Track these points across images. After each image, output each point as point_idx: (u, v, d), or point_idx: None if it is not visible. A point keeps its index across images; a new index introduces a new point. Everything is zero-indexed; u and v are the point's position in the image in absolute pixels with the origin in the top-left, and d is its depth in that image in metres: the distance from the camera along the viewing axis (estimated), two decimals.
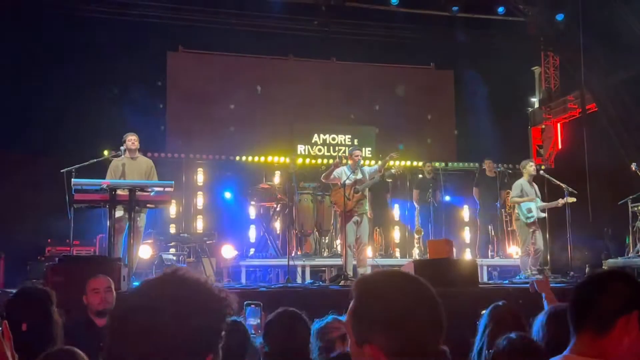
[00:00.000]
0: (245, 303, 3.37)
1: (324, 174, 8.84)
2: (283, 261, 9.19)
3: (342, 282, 7.94)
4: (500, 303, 3.09)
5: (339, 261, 9.21)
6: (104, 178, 7.73)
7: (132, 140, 8.01)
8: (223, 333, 1.39)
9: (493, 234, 11.17)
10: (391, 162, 9.09)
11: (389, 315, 1.48)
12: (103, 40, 11.34)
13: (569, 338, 2.19)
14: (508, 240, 11.66)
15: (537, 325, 2.67)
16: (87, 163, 7.76)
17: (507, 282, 9.14)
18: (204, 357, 1.35)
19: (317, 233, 10.04)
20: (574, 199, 9.34)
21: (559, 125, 16.11)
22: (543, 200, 9.74)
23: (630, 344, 1.83)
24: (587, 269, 9.20)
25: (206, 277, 1.45)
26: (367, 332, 1.50)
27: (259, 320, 2.99)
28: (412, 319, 1.48)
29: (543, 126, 16.38)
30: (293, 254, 9.27)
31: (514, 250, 11.36)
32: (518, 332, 2.55)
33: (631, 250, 10.13)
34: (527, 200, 9.46)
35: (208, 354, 1.36)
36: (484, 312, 3.03)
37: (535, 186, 9.62)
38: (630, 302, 1.86)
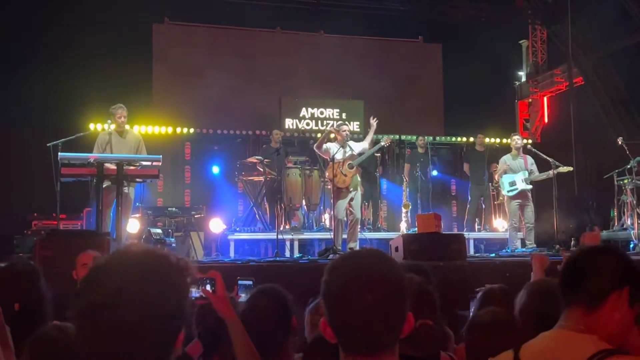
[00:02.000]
0: (237, 279, 3.36)
1: (316, 142, 8.81)
2: (271, 235, 9.21)
3: (331, 256, 7.96)
4: (495, 286, 3.08)
5: (327, 235, 9.24)
6: (90, 152, 7.66)
7: (121, 117, 7.92)
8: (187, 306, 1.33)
9: (484, 207, 11.25)
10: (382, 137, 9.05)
11: (332, 299, 1.48)
12: (88, 12, 11.17)
13: (551, 311, 2.20)
14: (495, 213, 11.76)
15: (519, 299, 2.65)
16: (73, 137, 7.67)
17: (493, 255, 9.22)
18: (176, 337, 1.30)
19: (305, 207, 10.05)
20: (571, 168, 9.35)
21: (545, 98, 16.18)
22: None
23: (620, 319, 1.84)
24: (572, 242, 9.28)
25: (158, 246, 1.37)
26: (325, 309, 1.51)
27: None
28: (348, 307, 1.44)
29: (530, 100, 16.44)
30: (281, 228, 9.29)
31: (500, 224, 11.45)
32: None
33: (616, 224, 10.25)
34: (503, 174, 9.50)
35: (180, 331, 1.31)
36: (478, 290, 3.04)
37: (528, 159, 9.60)
38: (622, 277, 1.86)
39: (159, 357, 1.28)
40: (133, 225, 8.71)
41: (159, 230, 9.27)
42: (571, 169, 9.35)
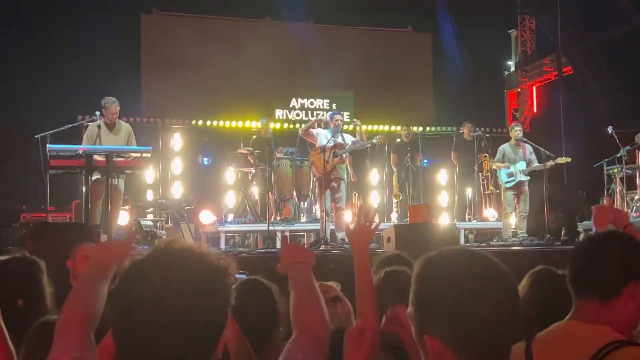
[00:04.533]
0: None
1: (303, 127, 8.85)
2: (262, 226, 9.18)
3: (322, 247, 7.96)
4: None
5: (318, 226, 9.22)
6: (79, 143, 7.61)
7: (113, 112, 7.85)
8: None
9: (471, 197, 11.23)
10: (372, 130, 9.06)
11: (452, 304, 1.31)
12: (76, 2, 11.05)
13: (555, 300, 2.18)
14: (485, 203, 11.77)
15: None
16: (62, 128, 7.61)
17: (485, 244, 9.25)
18: (220, 336, 1.25)
19: (295, 198, 10.02)
20: (569, 159, 9.34)
21: (534, 88, 16.20)
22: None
23: (634, 310, 1.82)
24: (562, 231, 9.34)
25: (199, 244, 1.29)
26: (427, 321, 1.35)
27: None
28: (479, 310, 1.29)
29: (519, 89, 16.47)
30: (272, 219, 9.26)
31: (490, 214, 11.46)
32: None
33: None
34: (503, 167, 9.50)
35: (222, 333, 1.25)
36: None
37: (527, 147, 9.59)
38: (638, 267, 1.83)
39: (202, 357, 1.23)
40: (123, 218, 8.66)
41: (149, 222, 9.23)
42: (569, 160, 9.36)
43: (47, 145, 6.89)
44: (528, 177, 9.50)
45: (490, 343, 1.31)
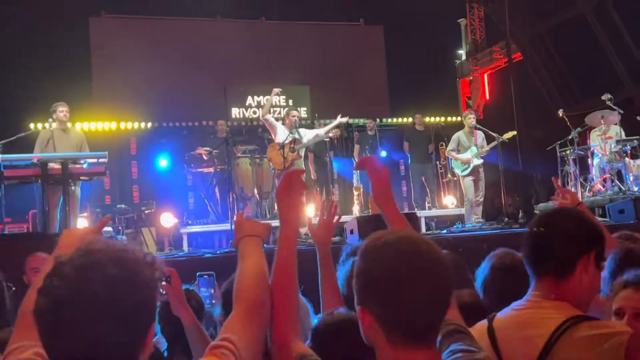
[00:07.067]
0: (197, 274, 3.34)
1: (263, 109, 8.90)
2: (225, 226, 9.14)
3: None
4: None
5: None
6: (32, 152, 7.46)
7: (63, 111, 7.73)
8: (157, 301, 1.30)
9: (426, 185, 11.39)
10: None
11: (383, 283, 1.39)
12: (22, 7, 10.80)
13: (517, 285, 2.22)
14: (443, 191, 11.94)
15: (482, 275, 2.65)
16: (14, 137, 7.46)
17: (445, 231, 9.38)
18: (146, 331, 1.28)
19: (257, 196, 10.00)
20: (514, 132, 9.53)
21: (485, 76, 16.46)
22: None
23: (589, 283, 1.87)
24: (520, 214, 9.52)
25: (124, 243, 1.33)
26: (362, 294, 1.44)
27: (212, 290, 2.97)
28: (406, 288, 1.36)
29: (471, 78, 16.70)
30: (234, 218, 9.22)
31: (449, 201, 11.64)
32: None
33: None
34: (457, 157, 9.65)
35: (149, 327, 1.28)
36: None
37: (479, 134, 9.75)
38: (587, 241, 1.88)
39: (129, 353, 1.25)
40: (82, 225, 8.52)
41: (109, 229, 9.09)
42: (515, 133, 9.55)
43: (0, 156, 6.73)
44: (482, 160, 9.69)
45: (414, 325, 1.37)
